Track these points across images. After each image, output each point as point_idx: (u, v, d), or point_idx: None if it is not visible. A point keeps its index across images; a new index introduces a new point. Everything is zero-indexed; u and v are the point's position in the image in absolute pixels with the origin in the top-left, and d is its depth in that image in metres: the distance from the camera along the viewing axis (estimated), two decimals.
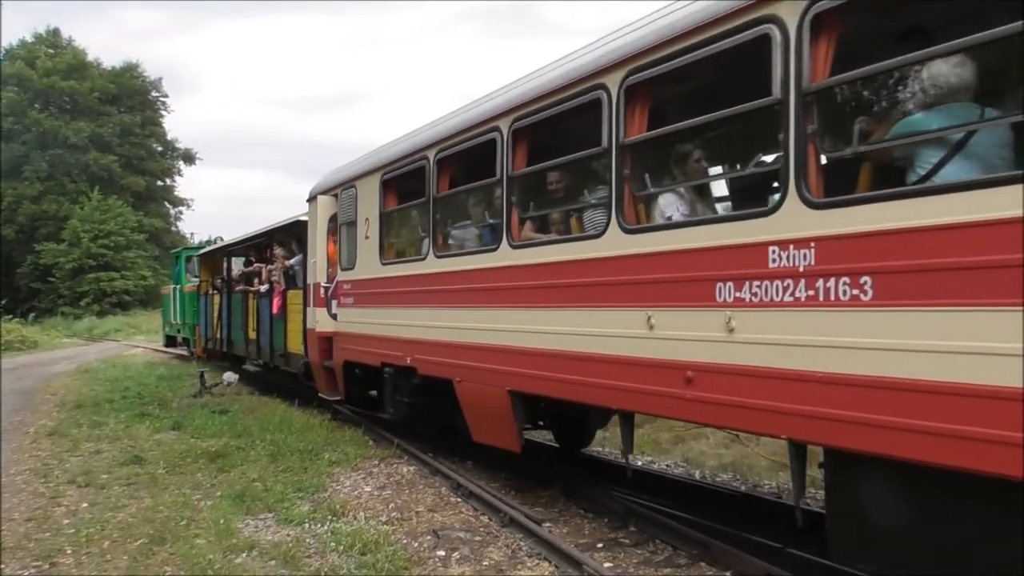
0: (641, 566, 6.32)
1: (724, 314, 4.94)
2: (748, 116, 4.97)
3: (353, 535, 6.86)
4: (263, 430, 11.56)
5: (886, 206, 4.05)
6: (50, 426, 12.90)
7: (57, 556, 6.63)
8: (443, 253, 8.57)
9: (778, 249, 4.57)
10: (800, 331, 4.46)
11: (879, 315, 4.04)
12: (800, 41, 4.43)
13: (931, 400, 3.78)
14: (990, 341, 3.55)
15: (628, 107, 5.77)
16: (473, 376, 7.88)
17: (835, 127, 4.54)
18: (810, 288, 4.39)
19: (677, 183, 5.93)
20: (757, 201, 4.98)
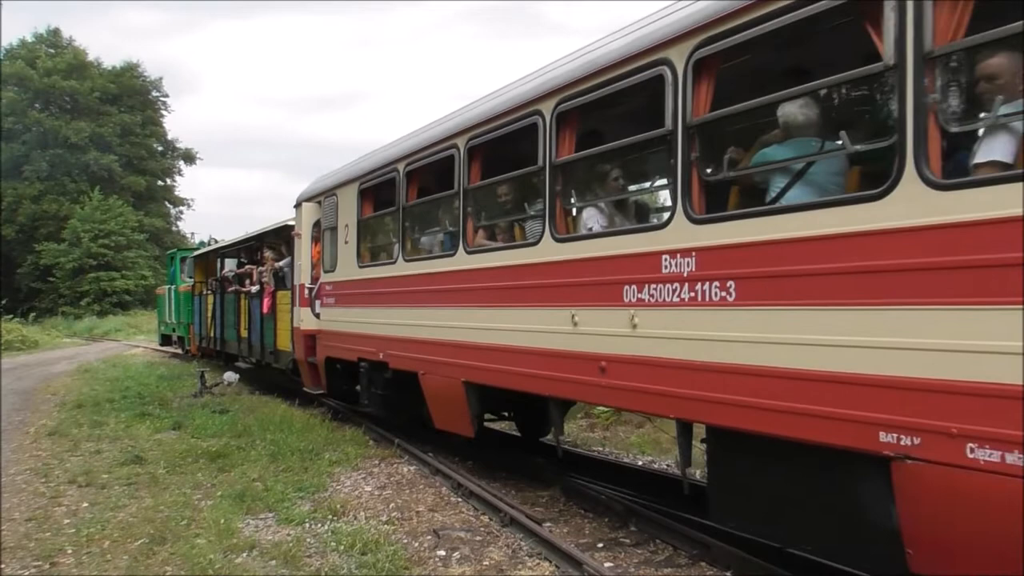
0: (642, 566, 6.38)
1: (629, 312, 5.85)
2: (648, 143, 5.90)
3: (353, 535, 6.94)
4: (263, 430, 11.73)
5: (744, 223, 4.97)
6: (50, 426, 13.06)
7: (58, 556, 6.71)
8: (411, 257, 9.52)
9: (668, 257, 5.49)
10: (684, 326, 5.37)
11: (740, 313, 4.95)
12: (686, 81, 5.33)
13: (781, 384, 4.67)
14: (821, 334, 4.44)
15: (559, 131, 6.69)
16: (434, 369, 8.84)
17: (712, 155, 5.44)
18: (692, 290, 5.30)
19: (597, 198, 6.87)
20: (656, 216, 5.85)
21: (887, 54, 4.10)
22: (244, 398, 16.18)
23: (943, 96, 3.93)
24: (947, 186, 3.87)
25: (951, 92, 3.95)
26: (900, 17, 4.03)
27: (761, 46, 4.98)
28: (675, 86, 5.44)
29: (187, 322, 26.13)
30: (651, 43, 5.67)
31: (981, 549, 3.84)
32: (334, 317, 11.96)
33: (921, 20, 3.94)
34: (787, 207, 4.80)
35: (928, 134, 3.93)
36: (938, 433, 3.82)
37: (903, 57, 4.02)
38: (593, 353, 6.25)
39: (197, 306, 24.43)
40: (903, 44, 4.02)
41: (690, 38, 5.33)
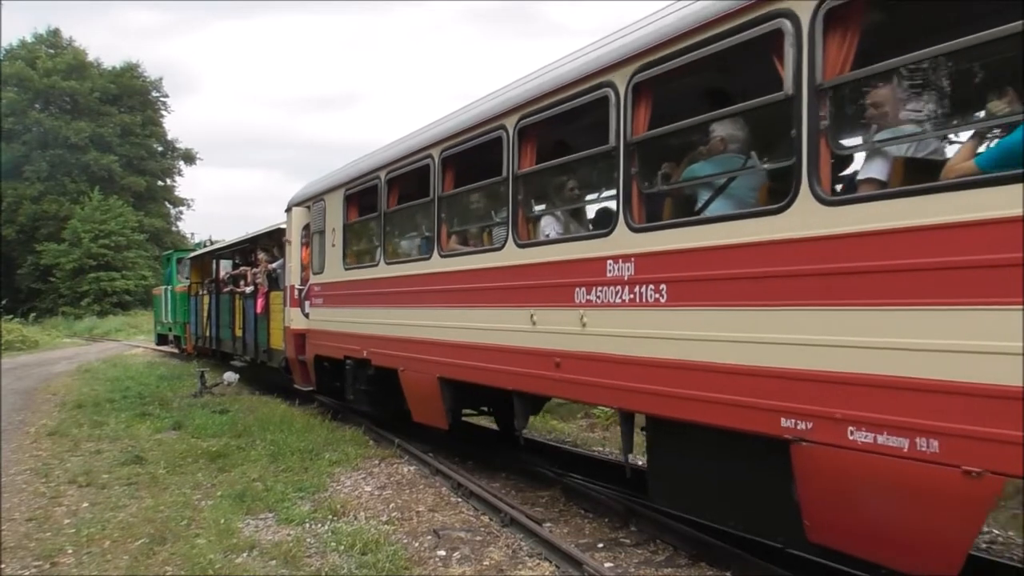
0: (642, 566, 6.43)
1: (579, 312, 6.49)
2: (596, 157, 6.55)
3: (354, 535, 7.02)
4: (263, 430, 11.85)
5: (674, 232, 5.62)
6: (51, 426, 13.17)
7: (58, 556, 6.79)
8: (391, 260, 10.18)
9: (612, 262, 6.12)
10: (625, 325, 6.00)
11: (670, 313, 5.58)
12: (627, 102, 5.97)
13: (701, 376, 5.30)
14: (733, 331, 5.08)
15: (521, 144, 7.34)
16: (412, 366, 9.50)
17: (650, 170, 6.07)
18: (631, 292, 5.94)
19: (554, 207, 7.53)
20: (603, 224, 6.44)
21: (787, 85, 4.71)
22: (244, 398, 16.35)
23: (833, 122, 4.54)
24: (833, 202, 4.50)
25: (840, 119, 4.59)
26: (797, 53, 4.65)
27: (690, 72, 5.59)
28: (618, 107, 6.07)
29: (183, 321, 26.96)
30: (598, 67, 6.30)
31: (862, 519, 4.46)
32: (322, 317, 12.62)
33: (814, 56, 4.56)
34: (709, 218, 5.45)
35: (820, 156, 4.55)
36: (826, 418, 4.47)
37: (799, 88, 4.64)
38: (549, 350, 6.91)
39: (193, 306, 25.22)
40: (800, 77, 4.64)
41: (630, 63, 5.96)
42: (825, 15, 4.48)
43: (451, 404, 8.88)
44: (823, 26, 4.50)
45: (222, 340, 21.08)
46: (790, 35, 4.69)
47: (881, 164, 4.48)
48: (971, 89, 4.49)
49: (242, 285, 19.10)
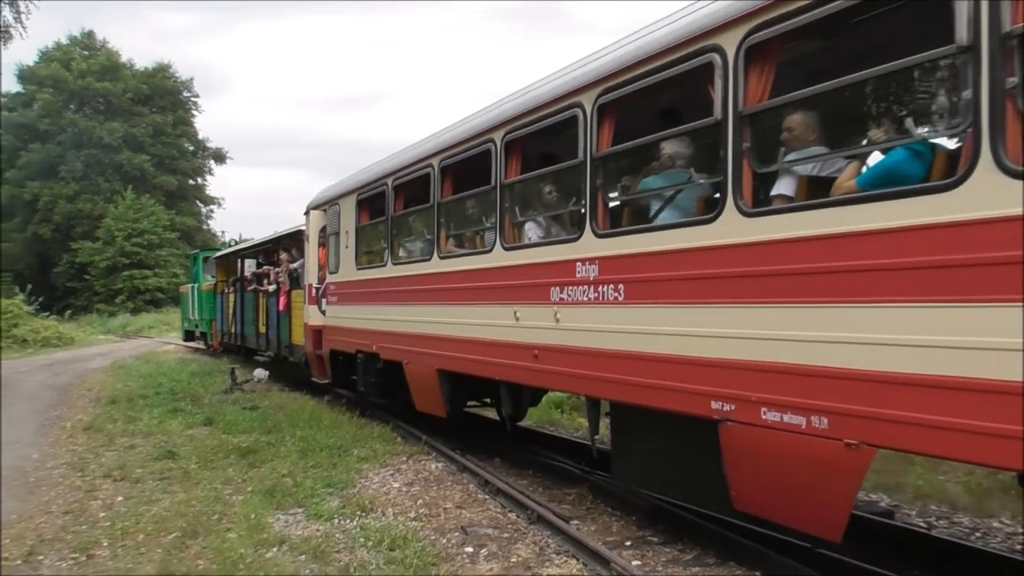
0: (669, 565, 6.49)
1: (554, 309, 7.34)
2: (567, 171, 7.42)
3: (382, 531, 7.16)
4: (293, 426, 12.12)
5: (629, 237, 6.46)
6: (86, 421, 13.56)
7: (94, 548, 7.00)
8: (397, 261, 11.10)
9: (581, 264, 6.95)
10: (591, 320, 6.82)
11: (627, 310, 6.40)
12: (592, 121, 6.81)
13: (649, 365, 6.12)
14: (673, 325, 5.92)
15: (508, 155, 8.22)
16: (415, 359, 10.41)
17: (612, 182, 6.97)
18: (595, 291, 6.76)
19: (536, 213, 8.41)
20: (574, 230, 7.24)
21: (716, 111, 5.51)
22: (274, 395, 16.68)
23: (753, 145, 5.33)
24: (751, 214, 5.29)
25: (759, 142, 5.37)
26: (724, 83, 5.44)
27: (646, 95, 6.40)
28: (585, 125, 6.91)
29: (209, 318, 28.29)
30: (569, 89, 7.17)
31: (773, 488, 5.29)
32: (337, 314, 13.59)
33: (737, 87, 5.35)
34: (658, 225, 6.32)
35: (743, 174, 5.34)
36: (744, 401, 5.27)
37: (726, 114, 5.44)
38: (529, 343, 7.76)
39: (219, 303, 26.58)
40: (726, 104, 5.43)
41: (596, 87, 6.79)
42: (746, 51, 5.28)
43: (449, 394, 9.77)
44: (744, 61, 5.30)
45: (247, 336, 22.26)
46: (719, 67, 5.49)
47: (789, 181, 5.29)
48: (857, 119, 5.40)
49: (265, 284, 20.22)
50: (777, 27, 5.04)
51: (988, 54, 3.90)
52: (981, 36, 3.93)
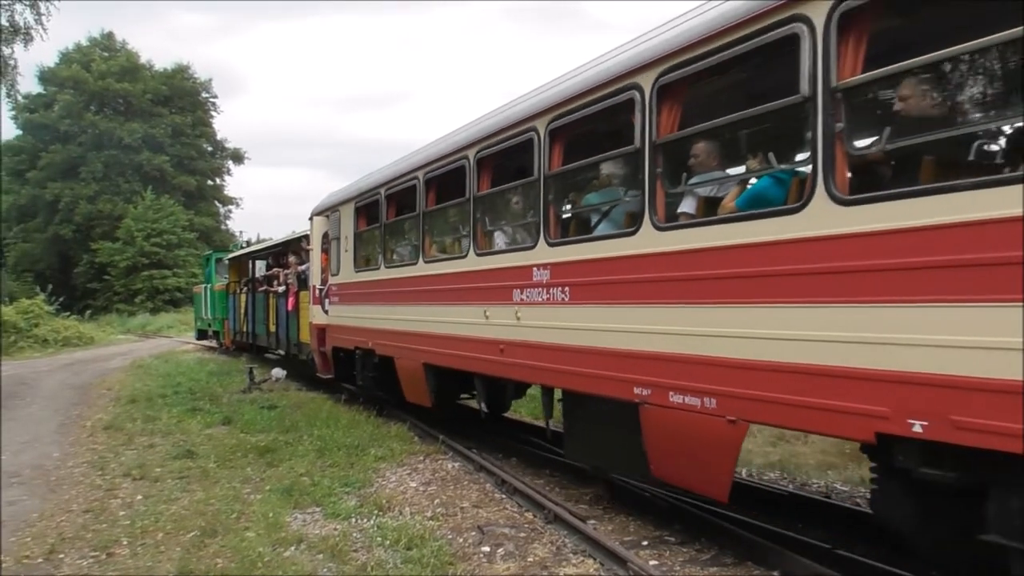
0: (687, 564, 6.57)
1: (515, 308, 8.46)
2: (526, 187, 8.57)
3: (399, 530, 7.29)
4: (310, 426, 12.38)
5: (573, 246, 7.58)
6: (106, 420, 13.85)
7: (114, 547, 7.16)
8: (389, 264, 12.27)
9: (536, 269, 8.07)
10: (544, 318, 7.94)
11: (571, 309, 7.52)
12: (544, 143, 7.96)
13: (588, 357, 7.22)
14: (604, 323, 7.02)
15: (479, 171, 9.38)
16: (405, 355, 11.55)
17: (561, 197, 8.14)
18: (547, 293, 7.89)
19: (503, 223, 9.56)
20: (533, 238, 8.33)
21: (636, 140, 6.64)
22: (291, 394, 17.08)
23: (665, 169, 6.46)
24: (663, 228, 6.41)
25: (669, 167, 6.51)
26: (642, 116, 6.57)
27: (586, 122, 7.55)
28: (539, 146, 8.07)
29: (222, 318, 29.64)
30: (526, 115, 8.38)
31: (678, 458, 6.41)
32: (338, 313, 14.75)
33: (651, 120, 6.46)
34: (594, 236, 7.47)
35: (656, 193, 6.46)
36: (657, 386, 6.39)
37: (644, 143, 6.56)
38: (496, 339, 8.89)
39: (231, 303, 27.89)
40: (644, 134, 6.55)
41: (547, 114, 7.96)
42: (659, 90, 6.44)
43: (434, 386, 10.91)
44: (657, 98, 6.44)
45: (258, 335, 23.50)
46: (638, 103, 6.62)
47: (691, 201, 6.43)
48: (740, 151, 6.58)
49: (275, 285, 21.40)
50: (681, 71, 6.18)
51: (822, 104, 4.98)
52: (817, 89, 5.03)
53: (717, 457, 5.90)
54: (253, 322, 23.98)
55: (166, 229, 57.69)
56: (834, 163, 4.92)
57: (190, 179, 65.24)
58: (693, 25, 6.07)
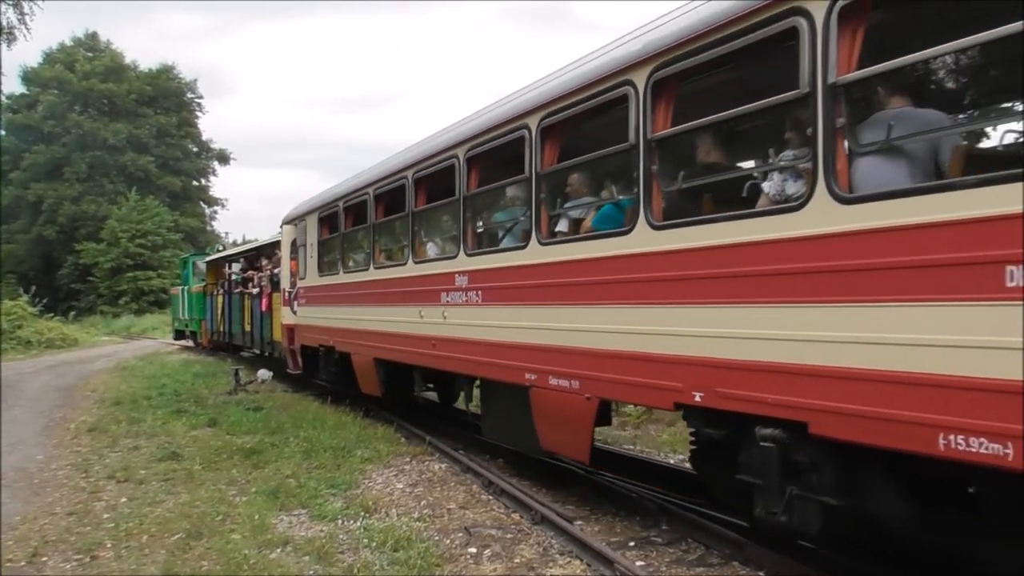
0: (673, 565, 6.64)
1: (443, 309, 9.93)
2: (450, 205, 9.92)
3: (385, 531, 7.34)
4: (296, 427, 12.54)
5: (483, 256, 9.07)
6: (90, 422, 13.90)
7: (97, 549, 7.14)
8: (347, 269, 13.76)
9: (458, 275, 9.55)
10: (464, 318, 9.42)
11: (483, 309, 9.01)
12: (464, 168, 9.37)
13: (494, 349, 8.70)
14: (505, 321, 8.43)
15: (416, 190, 10.81)
16: (359, 351, 13.05)
17: (476, 214, 9.67)
18: (466, 295, 9.37)
19: (435, 235, 11.11)
20: (455, 249, 9.73)
21: (527, 170, 8.08)
22: (277, 396, 17.28)
23: (548, 195, 8.00)
24: (545, 243, 7.88)
25: (551, 193, 8.04)
26: (531, 153, 8.03)
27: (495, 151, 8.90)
28: (459, 171, 9.48)
29: (199, 318, 30.99)
30: (448, 144, 9.82)
31: (555, 430, 7.86)
32: (305, 314, 16.20)
33: (536, 151, 7.94)
34: (497, 248, 8.97)
35: (541, 215, 7.95)
36: (541, 372, 7.88)
37: (532, 171, 8.05)
38: (429, 335, 10.34)
39: (208, 304, 29.33)
40: (532, 164, 8.02)
41: (464, 144, 9.38)
42: (541, 131, 7.86)
43: (383, 378, 12.36)
44: (540, 136, 7.88)
45: (234, 334, 24.97)
46: (528, 140, 8.08)
47: (564, 222, 7.99)
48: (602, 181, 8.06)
49: (250, 287, 22.70)
50: (558, 115, 7.65)
51: (643, 153, 6.40)
52: (639, 140, 6.42)
53: (580, 428, 7.42)
54: (229, 322, 25.37)
55: (151, 230, 58.21)
56: (651, 198, 6.45)
57: (175, 180, 65.95)
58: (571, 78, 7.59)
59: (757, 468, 5.60)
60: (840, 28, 4.77)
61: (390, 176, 11.69)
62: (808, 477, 5.28)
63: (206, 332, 29.85)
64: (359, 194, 12.98)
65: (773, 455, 5.39)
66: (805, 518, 5.33)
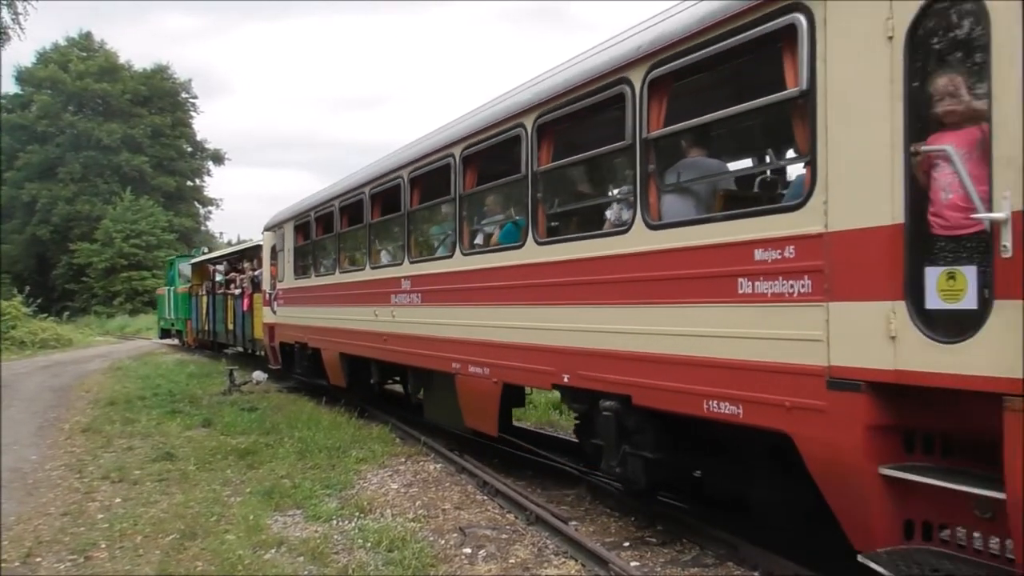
0: (668, 565, 6.68)
1: (392, 309, 11.63)
2: (397, 219, 11.55)
3: (380, 532, 7.36)
4: (291, 427, 12.65)
5: (422, 264, 10.71)
6: (84, 423, 14.03)
7: (92, 550, 7.15)
8: (318, 274, 15.52)
9: (403, 280, 11.23)
10: (408, 316, 11.10)
11: (422, 309, 10.69)
12: (407, 186, 10.99)
13: (433, 343, 10.31)
14: (435, 320, 9.93)
15: (373, 204, 12.47)
16: (328, 346, 14.76)
17: (417, 228, 11.42)
18: (409, 297, 11.06)
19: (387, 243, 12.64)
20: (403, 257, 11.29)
21: (452, 191, 9.64)
22: (272, 396, 17.47)
23: (469, 214, 9.63)
24: (466, 253, 9.47)
25: (471, 211, 9.68)
26: (455, 177, 9.60)
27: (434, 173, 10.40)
28: (404, 189, 11.08)
29: (184, 317, 32.63)
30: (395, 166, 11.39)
31: (473, 409, 9.52)
32: (283, 314, 17.89)
33: (459, 177, 9.53)
34: (431, 257, 10.68)
35: (464, 231, 9.56)
36: (463, 361, 9.53)
37: (456, 193, 9.61)
38: (382, 332, 12.03)
39: (194, 304, 30.99)
40: (454, 189, 9.59)
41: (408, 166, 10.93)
42: (463, 159, 9.42)
43: (348, 371, 14.03)
44: (463, 163, 9.48)
45: (218, 333, 26.57)
46: (452, 168, 9.65)
47: (481, 236, 9.70)
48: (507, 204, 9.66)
49: (232, 288, 24.28)
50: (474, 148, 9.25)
51: (530, 184, 8.03)
52: (528, 174, 8.05)
53: (490, 406, 9.10)
54: (214, 321, 26.97)
55: (145, 230, 59.10)
56: (537, 219, 8.06)
57: (169, 180, 67.00)
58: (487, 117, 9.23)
59: (603, 432, 7.27)
60: (650, 96, 6.46)
61: (351, 191, 13.43)
62: (635, 438, 6.94)
63: (192, 331, 31.32)
64: (326, 206, 14.71)
65: (611, 421, 7.05)
66: (634, 470, 6.97)
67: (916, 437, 4.81)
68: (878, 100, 4.59)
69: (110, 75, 64.13)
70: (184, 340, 33.10)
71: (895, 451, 4.83)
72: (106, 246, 57.39)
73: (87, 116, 64.04)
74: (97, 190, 61.88)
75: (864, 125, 4.69)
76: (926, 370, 4.38)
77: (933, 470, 4.62)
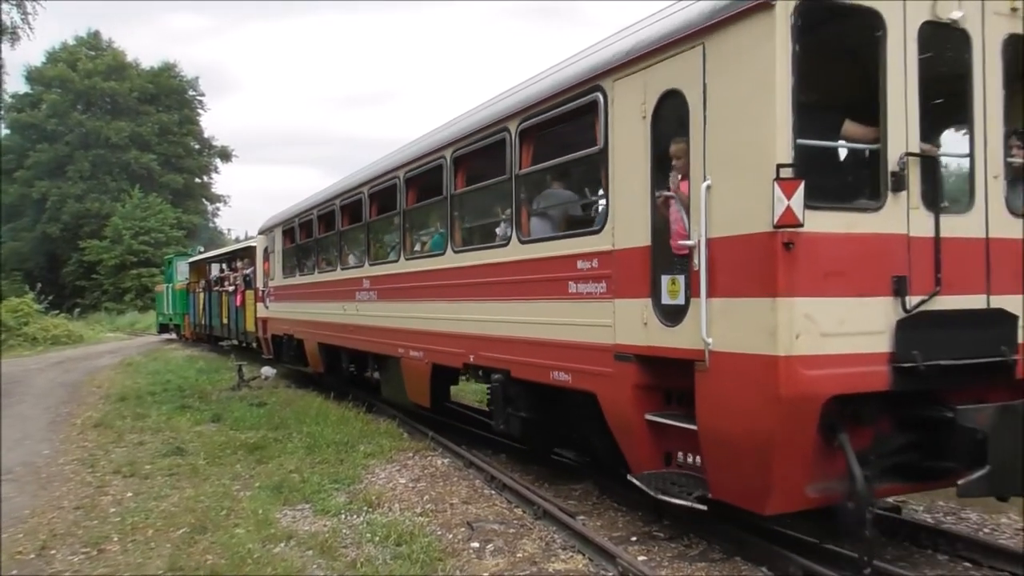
0: (675, 560, 6.76)
1: (356, 304, 13.93)
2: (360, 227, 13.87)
3: (388, 526, 7.45)
4: (300, 423, 12.88)
5: (376, 267, 13.11)
6: (96, 418, 14.36)
7: (104, 543, 7.26)
8: (302, 274, 17.87)
9: (364, 279, 13.57)
10: (369, 311, 13.41)
11: (378, 304, 13.04)
12: (367, 201, 13.24)
13: (387, 333, 12.58)
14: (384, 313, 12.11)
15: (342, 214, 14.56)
16: (309, 337, 17.20)
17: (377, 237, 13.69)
18: (369, 294, 13.38)
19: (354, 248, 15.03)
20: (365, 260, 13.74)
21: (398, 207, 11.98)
22: (280, 391, 17.92)
23: (411, 226, 12.00)
24: (409, 258, 11.78)
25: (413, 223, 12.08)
26: (400, 196, 11.99)
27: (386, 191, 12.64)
28: (364, 203, 13.33)
29: (182, 313, 34.88)
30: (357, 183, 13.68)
31: (414, 387, 11.66)
32: (274, 309, 20.34)
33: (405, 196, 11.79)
34: (382, 260, 12.93)
35: (406, 239, 11.97)
36: (405, 347, 11.82)
37: (401, 208, 11.97)
38: (348, 324, 14.35)
39: (191, 301, 33.30)
40: (400, 204, 11.95)
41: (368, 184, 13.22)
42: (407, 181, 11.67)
43: (325, 358, 16.37)
44: (406, 184, 11.73)
45: (213, 327, 28.81)
46: (399, 188, 11.95)
47: (419, 245, 12.11)
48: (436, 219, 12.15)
49: (226, 285, 26.57)
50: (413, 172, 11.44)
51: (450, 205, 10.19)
52: (448, 196, 10.20)
53: (424, 383, 11.30)
54: (210, 316, 29.21)
55: (154, 227, 59.80)
56: (454, 232, 10.24)
57: (177, 177, 68.04)
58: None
59: (494, 399, 9.54)
60: (521, 141, 8.72)
61: (326, 202, 15.80)
62: (515, 403, 9.06)
63: (189, 325, 33.76)
64: (307, 214, 17.11)
65: (499, 391, 9.29)
66: (514, 427, 9.10)
67: (673, 394, 6.98)
68: (638, 158, 6.89)
69: (118, 73, 64.92)
70: (181, 334, 35.10)
71: (657, 403, 7.03)
72: (115, 243, 57.62)
73: (95, 114, 64.75)
74: (106, 188, 62.56)
75: (631, 175, 7.01)
76: (661, 345, 6.66)
77: (677, 416, 6.74)
